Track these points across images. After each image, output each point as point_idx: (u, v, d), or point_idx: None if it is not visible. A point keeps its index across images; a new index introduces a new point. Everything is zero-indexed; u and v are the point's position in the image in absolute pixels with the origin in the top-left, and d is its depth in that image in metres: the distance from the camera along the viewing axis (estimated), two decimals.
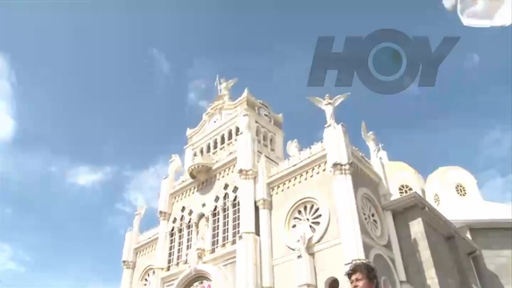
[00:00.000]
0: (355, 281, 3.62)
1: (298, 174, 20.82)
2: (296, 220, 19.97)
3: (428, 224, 20.70)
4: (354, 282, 3.62)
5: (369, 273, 3.69)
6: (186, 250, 23.66)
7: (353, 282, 3.63)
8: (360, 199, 18.78)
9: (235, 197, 22.58)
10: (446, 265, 20.85)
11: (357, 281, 3.61)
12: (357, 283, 3.60)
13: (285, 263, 18.87)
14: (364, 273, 3.66)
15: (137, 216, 30.50)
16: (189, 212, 24.90)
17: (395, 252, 19.46)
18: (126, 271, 28.05)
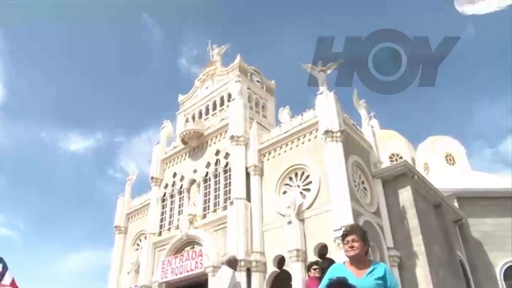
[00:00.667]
0: (351, 241, 3.63)
1: (290, 141, 20.87)
2: (287, 186, 20.15)
3: (416, 192, 20.99)
4: (350, 243, 3.63)
5: (364, 236, 3.75)
6: (178, 215, 23.87)
7: (348, 243, 3.64)
8: (350, 167, 18.93)
9: (227, 163, 22.67)
10: (433, 232, 21.26)
11: (353, 241, 3.62)
12: (354, 244, 3.61)
13: (275, 229, 19.12)
14: (360, 235, 3.71)
15: (128, 182, 30.58)
16: (180, 178, 25.01)
17: (384, 219, 19.75)
18: (118, 236, 28.33)
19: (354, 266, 3.56)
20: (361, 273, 3.49)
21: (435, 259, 19.77)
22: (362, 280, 3.39)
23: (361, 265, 3.59)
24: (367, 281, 3.41)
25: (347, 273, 3.45)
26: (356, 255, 3.61)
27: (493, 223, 25.17)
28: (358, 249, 3.61)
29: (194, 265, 20.85)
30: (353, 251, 3.61)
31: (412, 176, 20.92)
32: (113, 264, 27.40)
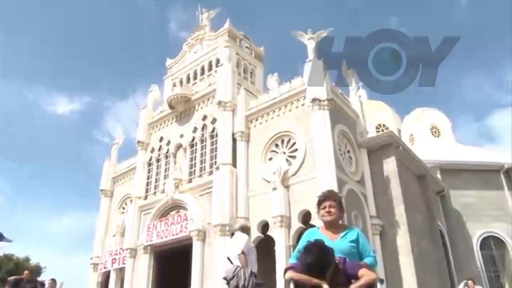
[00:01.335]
0: (328, 207, 3.70)
1: (277, 107, 20.86)
2: (273, 153, 20.24)
3: (401, 162, 21.25)
4: (327, 208, 3.70)
5: (340, 202, 3.81)
6: (164, 179, 23.94)
7: (325, 208, 3.71)
8: (336, 135, 19.02)
9: (213, 129, 22.64)
10: (415, 203, 21.65)
11: (330, 207, 3.69)
12: (330, 209, 3.69)
13: (260, 195, 19.27)
14: (336, 201, 3.77)
15: (115, 146, 30.51)
16: (167, 142, 24.97)
17: (368, 188, 20.03)
18: (104, 200, 28.42)
19: (329, 231, 3.63)
20: (336, 237, 3.57)
21: (416, 229, 20.20)
22: (337, 243, 3.47)
23: (336, 229, 3.68)
24: (341, 244, 3.49)
25: (323, 237, 3.52)
26: (332, 220, 3.69)
27: (473, 195, 25.72)
28: (334, 214, 3.69)
29: (179, 229, 21.06)
30: (330, 216, 3.69)
31: (397, 147, 21.15)
32: (99, 227, 27.58)
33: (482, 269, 24.61)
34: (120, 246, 24.27)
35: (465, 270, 22.05)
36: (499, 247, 25.58)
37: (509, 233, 25.37)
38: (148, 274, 21.90)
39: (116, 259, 24.27)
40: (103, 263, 25.09)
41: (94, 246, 27.03)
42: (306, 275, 3.18)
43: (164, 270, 22.18)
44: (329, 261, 3.20)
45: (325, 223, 3.73)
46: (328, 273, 3.16)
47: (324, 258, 3.18)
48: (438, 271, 21.37)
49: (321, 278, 3.13)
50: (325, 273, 3.16)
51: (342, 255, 3.35)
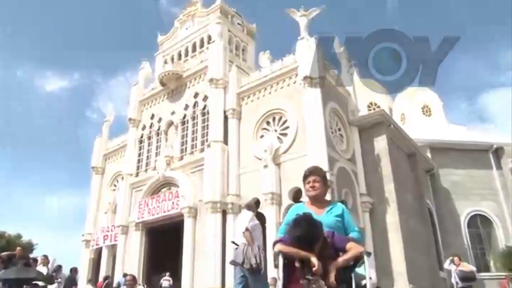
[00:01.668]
0: (313, 182, 3.71)
1: (269, 85, 20.81)
2: (264, 131, 20.27)
3: (392, 141, 21.39)
4: (311, 183, 3.72)
5: (324, 177, 3.84)
6: (155, 157, 23.95)
7: (310, 183, 3.73)
8: (328, 113, 19.06)
9: (205, 106, 22.58)
10: (405, 181, 21.87)
11: (314, 182, 3.71)
12: (315, 184, 3.70)
13: (251, 172, 19.35)
14: (321, 176, 3.80)
15: (106, 123, 30.34)
16: (158, 119, 24.90)
17: (358, 166, 20.18)
18: (95, 177, 28.39)
19: (314, 206, 3.66)
20: (321, 212, 3.59)
21: (406, 207, 20.45)
22: (323, 217, 3.49)
23: (320, 204, 3.70)
24: (327, 218, 3.52)
25: (309, 211, 3.55)
26: (317, 195, 3.72)
27: (462, 174, 26.03)
28: (319, 189, 3.71)
29: (170, 206, 21.15)
30: (314, 191, 3.71)
31: (388, 125, 21.25)
32: (90, 204, 27.61)
33: (468, 246, 25.06)
34: (111, 223, 24.38)
35: (452, 247, 22.41)
36: (485, 225, 26.02)
37: (496, 212, 25.81)
38: (140, 250, 22.06)
39: (108, 236, 24.38)
40: (95, 240, 25.20)
41: (86, 223, 27.09)
42: (295, 248, 3.21)
43: (155, 246, 22.32)
44: (317, 234, 3.24)
45: (310, 198, 3.77)
46: (317, 246, 3.20)
47: (313, 231, 3.22)
48: (426, 249, 21.72)
49: (310, 251, 3.16)
50: (314, 246, 3.20)
51: (329, 229, 3.39)
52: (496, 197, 26.16)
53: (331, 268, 3.15)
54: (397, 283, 17.97)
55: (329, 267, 3.15)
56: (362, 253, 3.29)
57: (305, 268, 3.14)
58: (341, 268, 3.23)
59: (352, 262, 3.32)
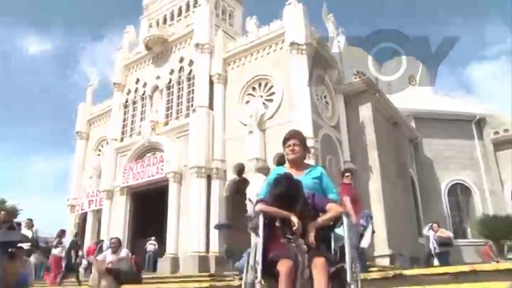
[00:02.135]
0: (293, 145, 3.74)
1: (255, 51, 20.63)
2: (250, 96, 20.20)
3: (376, 109, 21.51)
4: (291, 146, 3.75)
5: (304, 141, 3.87)
6: (140, 122, 23.78)
7: (290, 146, 3.76)
8: (314, 80, 19.01)
9: (190, 71, 22.34)
10: (388, 149, 22.10)
11: (294, 145, 3.74)
12: (295, 148, 3.73)
13: (236, 137, 19.35)
14: (301, 140, 3.83)
15: (90, 87, 29.91)
16: (143, 84, 24.60)
17: (343, 134, 20.34)
18: (79, 142, 28.19)
19: (293, 169, 3.70)
20: (300, 174, 3.64)
21: (388, 174, 20.75)
22: (302, 178, 3.53)
23: (300, 167, 3.74)
24: (305, 180, 3.56)
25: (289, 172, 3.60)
26: (296, 158, 3.75)
27: (445, 144, 26.37)
28: (299, 152, 3.75)
29: (155, 170, 21.18)
30: (294, 154, 3.75)
31: (374, 94, 21.32)
32: (75, 169, 27.50)
33: (448, 214, 25.67)
34: (96, 188, 24.38)
35: (432, 215, 22.89)
36: (464, 194, 26.61)
37: (475, 181, 26.36)
38: (125, 215, 22.16)
39: (93, 200, 24.45)
40: (80, 205, 25.24)
41: (71, 188, 27.04)
42: (276, 207, 3.27)
43: (140, 211, 22.43)
44: (298, 193, 3.29)
45: (289, 161, 3.81)
46: (297, 206, 3.26)
47: (293, 189, 3.27)
48: (408, 216, 22.19)
49: (290, 211, 3.22)
50: (294, 205, 3.25)
51: (308, 190, 3.45)
52: (477, 167, 26.65)
53: (311, 228, 3.21)
54: (378, 248, 18.37)
55: (309, 227, 3.22)
56: (342, 213, 3.35)
57: (285, 227, 3.20)
58: (320, 228, 3.30)
59: (331, 222, 3.39)
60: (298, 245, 3.05)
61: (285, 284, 2.85)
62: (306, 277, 2.88)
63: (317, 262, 2.96)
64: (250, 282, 3.04)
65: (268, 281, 3.11)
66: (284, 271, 2.88)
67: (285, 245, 3.10)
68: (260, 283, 2.90)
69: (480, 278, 4.28)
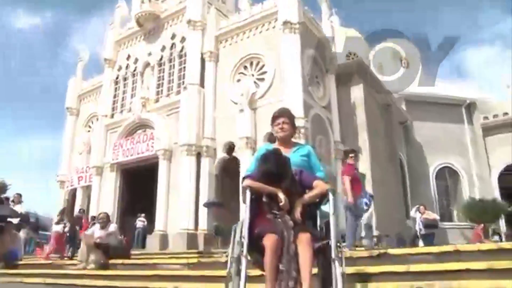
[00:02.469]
0: (282, 123, 3.76)
1: (248, 29, 20.44)
2: (241, 75, 20.10)
3: (368, 91, 21.57)
4: (280, 124, 3.77)
5: (292, 119, 3.88)
6: (131, 98, 23.59)
7: (279, 125, 3.77)
8: (306, 60, 18.96)
9: (182, 48, 22.11)
10: (379, 131, 22.25)
11: (283, 123, 3.76)
12: (284, 126, 3.75)
13: (227, 116, 19.31)
14: (289, 118, 3.84)
15: (80, 63, 29.52)
16: (134, 60, 24.34)
17: (334, 114, 20.39)
18: (69, 118, 27.94)
19: (282, 146, 3.72)
20: (288, 151, 3.66)
21: (378, 156, 20.91)
22: (290, 155, 3.56)
23: (288, 145, 3.77)
24: (293, 157, 3.58)
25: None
26: (285, 136, 3.78)
27: (435, 128, 26.56)
28: (287, 130, 3.78)
29: (145, 147, 21.13)
30: (283, 132, 3.77)
31: (366, 75, 21.34)
32: (65, 145, 27.31)
33: (435, 197, 26.01)
34: (86, 164, 24.30)
35: (420, 197, 23.19)
36: (452, 178, 26.95)
37: (463, 165, 26.68)
38: (114, 191, 22.15)
39: (82, 176, 24.37)
40: (70, 181, 25.18)
41: (61, 163, 26.91)
42: (263, 183, 3.29)
43: (130, 188, 22.41)
44: (285, 169, 3.32)
45: (278, 139, 3.84)
46: (285, 182, 3.28)
47: (281, 166, 3.30)
48: (396, 198, 22.43)
49: (277, 187, 3.25)
50: (282, 181, 3.28)
51: (296, 167, 3.48)
52: (465, 151, 26.93)
53: (298, 204, 3.24)
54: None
55: (296, 203, 3.25)
56: (328, 190, 3.39)
57: (272, 203, 3.23)
58: (307, 205, 3.33)
59: (318, 199, 3.43)
60: (284, 221, 3.08)
61: (270, 258, 2.89)
62: (292, 252, 2.92)
63: (303, 238, 3.00)
64: (236, 256, 3.08)
65: (254, 256, 3.16)
66: (270, 246, 2.92)
67: (271, 220, 3.13)
68: (246, 257, 2.94)
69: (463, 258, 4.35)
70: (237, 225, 3.24)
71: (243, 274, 2.88)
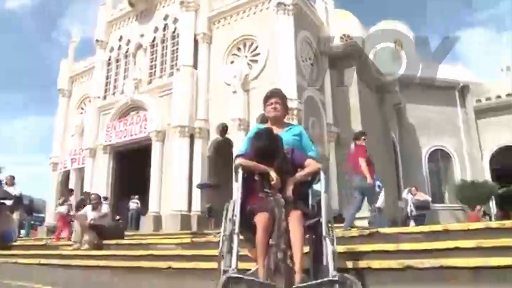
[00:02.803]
0: (274, 103, 3.80)
1: (241, 10, 20.23)
2: (235, 56, 19.97)
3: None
4: (273, 104, 3.80)
5: (285, 100, 3.92)
6: (123, 80, 23.41)
7: (271, 104, 3.81)
8: (300, 41, 18.88)
9: (175, 29, 21.89)
10: (372, 113, 22.30)
11: (275, 104, 3.80)
12: (276, 106, 3.79)
13: (220, 98, 19.24)
14: (282, 98, 3.87)
15: (72, 44, 29.17)
16: (126, 42, 24.09)
17: (327, 96, 20.38)
18: (62, 100, 27.69)
19: (275, 126, 3.74)
20: (280, 131, 3.69)
21: (371, 138, 20.88)
22: (282, 135, 3.58)
23: (280, 125, 3.81)
24: (286, 136, 3.62)
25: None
26: (277, 116, 3.82)
27: (428, 110, 26.63)
28: (279, 111, 3.82)
29: (138, 129, 21.08)
30: (275, 112, 3.81)
31: (359, 57, 21.28)
32: (57, 127, 27.11)
33: (427, 179, 26.23)
34: (79, 146, 24.19)
35: (412, 179, 23.38)
36: (445, 160, 27.13)
37: (456, 148, 26.84)
38: (107, 173, 22.15)
39: (75, 159, 24.30)
40: (63, 163, 25.10)
41: (53, 146, 26.76)
42: (255, 161, 3.31)
43: (123, 170, 22.41)
44: (277, 147, 3.34)
45: (270, 119, 3.87)
46: (277, 161, 3.31)
47: (273, 144, 3.32)
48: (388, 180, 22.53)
49: (270, 166, 3.27)
50: (274, 160, 3.30)
51: (288, 146, 3.50)
52: (457, 133, 27.06)
53: (289, 182, 3.28)
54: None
55: (287, 181, 3.28)
56: (320, 169, 3.42)
57: (264, 181, 3.26)
58: (299, 183, 3.36)
59: (309, 178, 3.46)
60: (276, 199, 3.11)
61: (261, 235, 2.93)
62: (283, 229, 2.95)
63: (294, 215, 3.04)
64: (228, 234, 3.12)
65: (245, 234, 3.20)
66: (261, 223, 2.96)
67: (263, 198, 3.16)
68: (238, 234, 2.98)
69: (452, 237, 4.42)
70: (229, 203, 3.27)
71: (234, 252, 2.91)
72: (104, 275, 6.21)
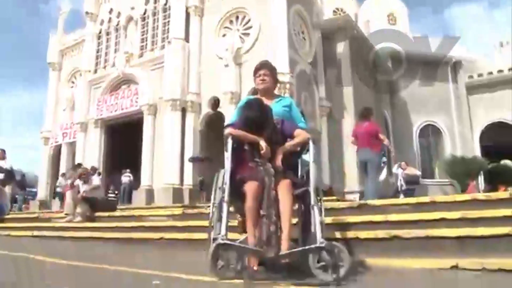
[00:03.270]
0: (263, 75, 3.80)
1: None
2: (227, 29, 19.75)
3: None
4: (261, 76, 3.81)
5: (274, 71, 3.93)
6: (114, 53, 23.12)
7: (260, 76, 3.81)
8: (292, 15, 18.68)
9: (166, 1, 21.48)
10: (364, 88, 22.25)
11: (264, 75, 3.80)
12: (265, 78, 3.80)
13: (212, 71, 19.08)
14: (270, 70, 3.87)
15: (61, 16, 28.58)
16: (117, 14, 23.67)
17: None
18: (52, 73, 27.30)
19: (264, 98, 3.74)
20: (270, 102, 3.69)
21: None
22: (272, 105, 3.59)
23: (270, 96, 3.82)
24: (275, 107, 3.63)
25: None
26: (266, 88, 3.83)
27: (420, 86, 26.61)
28: (269, 82, 3.83)
29: (129, 103, 20.96)
30: (264, 83, 3.82)
31: (352, 31, 21.15)
32: (49, 102, 26.79)
33: (418, 154, 26.42)
34: (70, 120, 24.02)
35: (403, 155, 23.50)
36: (435, 136, 27.29)
37: (446, 124, 26.98)
38: (99, 147, 22.10)
39: (67, 133, 24.19)
40: (54, 137, 24.96)
41: (45, 120, 26.52)
42: (245, 131, 3.33)
43: (115, 143, 22.31)
44: (267, 118, 3.36)
45: (260, 91, 3.88)
46: (266, 131, 3.33)
47: (263, 113, 3.34)
48: None
49: (259, 135, 3.29)
50: (264, 130, 3.32)
51: (277, 117, 3.52)
52: (449, 109, 27.15)
53: (279, 152, 3.31)
54: (349, 185, 19.01)
55: (277, 151, 3.31)
56: (309, 139, 3.45)
57: (253, 151, 3.29)
58: (288, 153, 3.40)
59: (299, 148, 3.49)
60: (265, 168, 3.14)
61: (251, 203, 2.98)
62: (272, 198, 3.00)
63: (283, 184, 3.09)
64: (217, 202, 3.16)
65: (235, 202, 3.25)
66: (251, 192, 3.00)
67: (253, 168, 3.20)
68: (227, 203, 3.02)
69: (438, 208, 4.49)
70: (219, 172, 3.30)
71: (224, 220, 2.96)
72: (97, 246, 6.29)
